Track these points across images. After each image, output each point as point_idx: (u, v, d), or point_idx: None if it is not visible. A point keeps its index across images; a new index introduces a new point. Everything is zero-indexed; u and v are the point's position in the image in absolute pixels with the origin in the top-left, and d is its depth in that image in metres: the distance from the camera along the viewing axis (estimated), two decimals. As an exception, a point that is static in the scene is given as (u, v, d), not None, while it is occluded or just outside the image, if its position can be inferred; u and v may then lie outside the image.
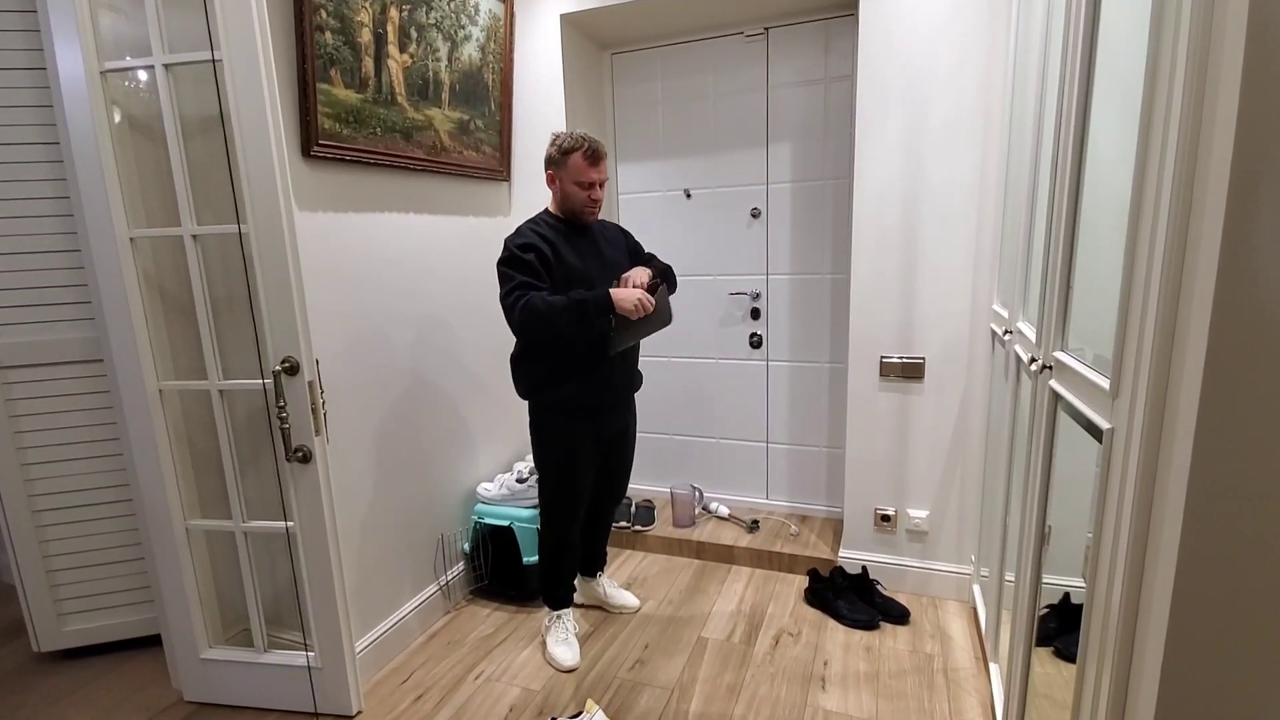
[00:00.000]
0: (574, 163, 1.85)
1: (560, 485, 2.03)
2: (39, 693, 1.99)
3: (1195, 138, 0.71)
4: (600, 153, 1.87)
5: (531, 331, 1.80)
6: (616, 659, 2.08)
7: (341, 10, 1.82)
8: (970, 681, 1.92)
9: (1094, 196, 1.13)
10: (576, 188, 1.87)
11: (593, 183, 1.87)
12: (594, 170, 1.86)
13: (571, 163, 1.85)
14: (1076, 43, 1.15)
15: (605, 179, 1.91)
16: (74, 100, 1.57)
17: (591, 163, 1.85)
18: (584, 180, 1.86)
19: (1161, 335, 0.75)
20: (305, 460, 1.65)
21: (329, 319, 1.88)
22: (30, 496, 2.00)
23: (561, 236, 1.91)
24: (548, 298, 1.76)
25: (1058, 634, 1.27)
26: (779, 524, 2.83)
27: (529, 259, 1.81)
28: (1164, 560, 0.75)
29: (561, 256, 1.87)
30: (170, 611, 1.83)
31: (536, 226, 1.91)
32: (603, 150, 1.88)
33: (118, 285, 1.64)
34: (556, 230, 1.92)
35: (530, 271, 1.80)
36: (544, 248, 1.84)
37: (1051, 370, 1.24)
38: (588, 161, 1.85)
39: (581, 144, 1.84)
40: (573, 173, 1.86)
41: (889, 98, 2.16)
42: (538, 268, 1.81)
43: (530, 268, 1.80)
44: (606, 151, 1.90)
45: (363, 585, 2.02)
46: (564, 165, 1.86)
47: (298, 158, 1.77)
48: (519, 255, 1.81)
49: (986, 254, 2.12)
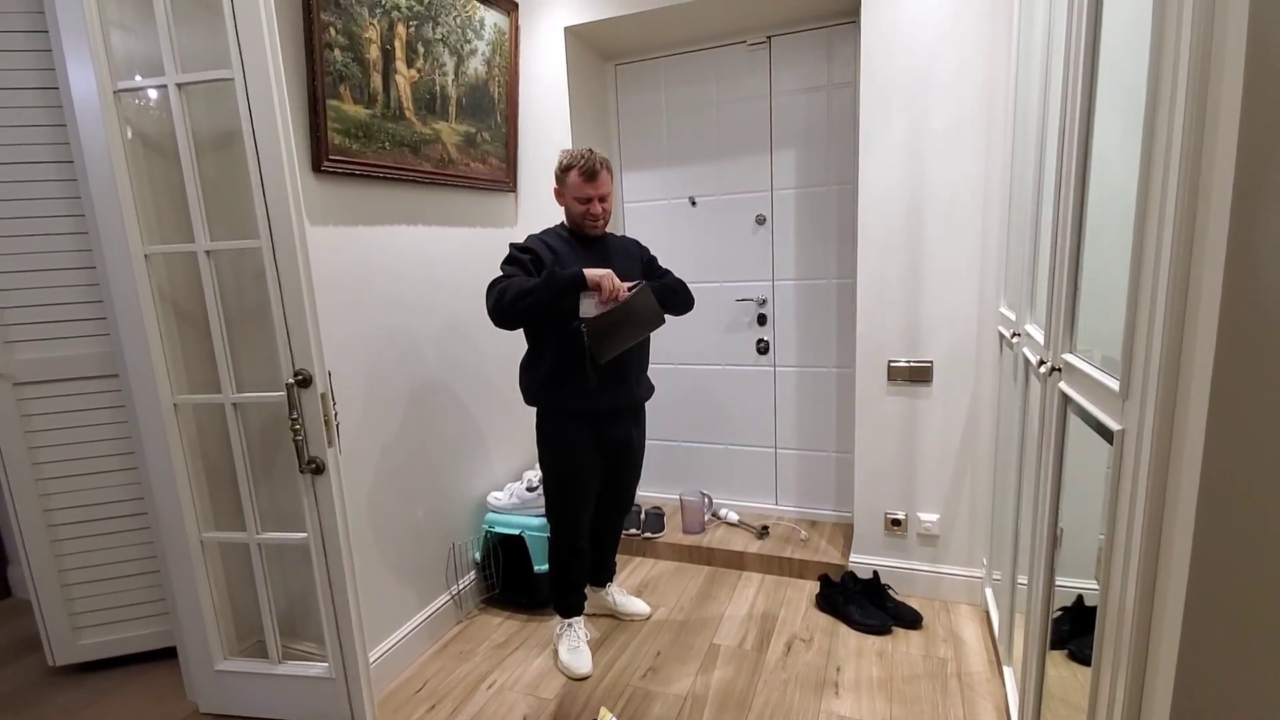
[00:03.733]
0: (571, 179, 1.91)
1: (562, 489, 2.04)
2: (55, 707, 2.00)
3: (1199, 136, 0.71)
4: (595, 169, 1.89)
5: (501, 309, 1.78)
6: (629, 667, 2.08)
7: (350, 28, 1.85)
8: (984, 686, 1.91)
9: (1099, 197, 1.13)
10: (575, 203, 1.93)
11: (590, 198, 1.91)
12: (589, 186, 1.90)
13: (570, 180, 1.91)
14: (1079, 44, 1.15)
15: (605, 193, 1.93)
16: (87, 120, 1.60)
17: (586, 179, 1.89)
18: (580, 196, 1.91)
19: (1170, 335, 0.76)
20: (318, 471, 1.66)
21: (341, 331, 1.90)
22: (46, 511, 2.02)
23: (569, 247, 1.95)
24: (522, 279, 1.80)
25: (1071, 637, 1.27)
26: (789, 529, 2.82)
27: (524, 259, 1.88)
28: (1177, 561, 0.75)
29: (566, 264, 1.90)
30: (185, 624, 1.85)
31: (546, 236, 1.98)
32: (599, 165, 1.90)
33: (132, 301, 1.67)
34: (566, 241, 1.97)
35: (520, 267, 1.86)
36: (545, 254, 1.89)
37: (1060, 372, 1.24)
38: (583, 178, 1.89)
39: (578, 160, 1.89)
40: (571, 189, 1.92)
41: (892, 103, 2.17)
42: (528, 266, 1.86)
43: (521, 265, 1.87)
44: (606, 166, 1.92)
45: (375, 595, 2.03)
46: (564, 182, 1.94)
47: (308, 173, 1.80)
48: (516, 254, 1.90)
49: (992, 257, 2.12)
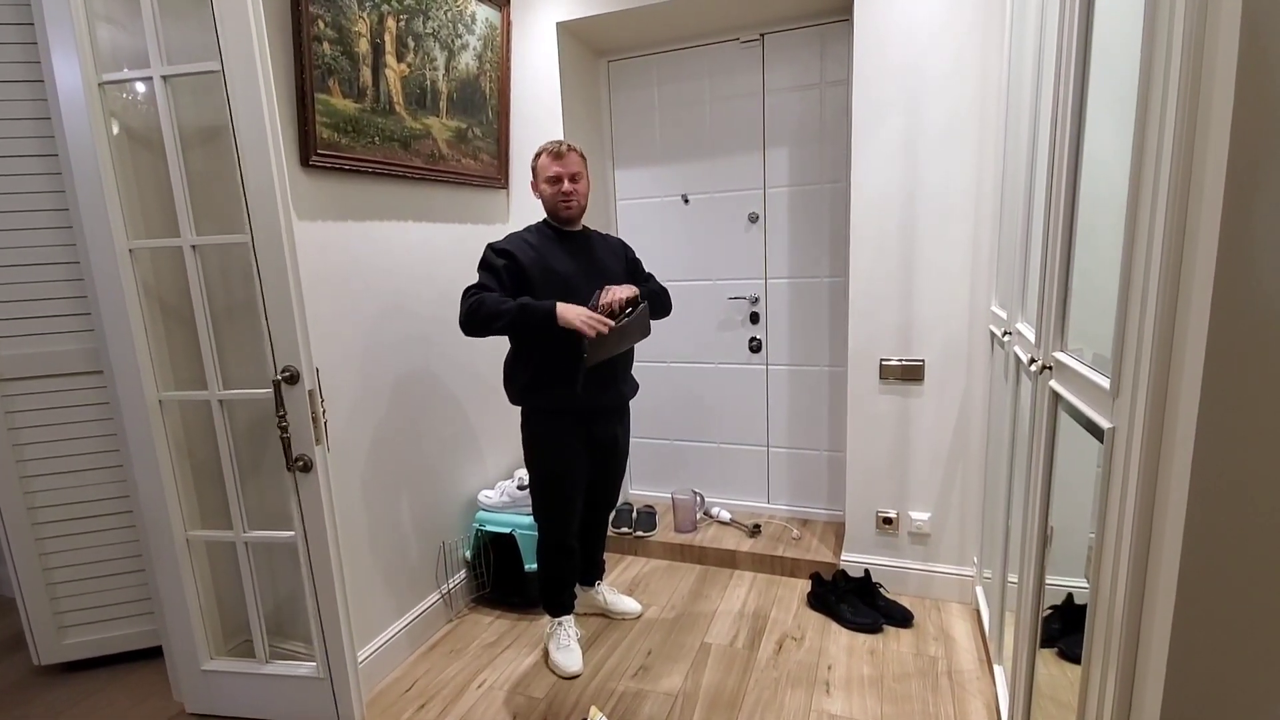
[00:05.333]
0: (540, 164, 1.93)
1: (550, 489, 2.02)
2: (39, 706, 1.98)
3: (1191, 134, 0.71)
4: (562, 150, 1.91)
5: (471, 326, 1.82)
6: (620, 666, 2.07)
7: (339, 21, 1.83)
8: (975, 684, 1.91)
9: (1091, 196, 1.13)
10: (547, 185, 1.93)
11: (559, 176, 1.91)
12: (556, 164, 1.91)
13: (539, 165, 1.94)
14: (1071, 43, 1.15)
15: (575, 172, 1.93)
16: (72, 112, 1.58)
17: (554, 158, 1.91)
18: (549, 175, 1.91)
19: (1161, 333, 0.75)
20: (306, 469, 1.64)
21: (329, 328, 1.88)
22: (30, 509, 2.00)
23: (550, 243, 1.94)
24: (496, 299, 1.80)
25: (1062, 635, 1.27)
26: (781, 528, 2.82)
27: (499, 265, 1.86)
28: (1167, 558, 0.75)
29: (546, 263, 1.89)
30: (171, 623, 1.83)
31: (528, 234, 1.97)
32: (566, 147, 1.91)
33: (117, 296, 1.64)
34: (546, 237, 1.96)
35: (493, 275, 1.85)
36: (524, 256, 1.88)
37: (1051, 370, 1.24)
38: (550, 158, 1.91)
39: (547, 145, 1.92)
40: (540, 173, 1.93)
41: (884, 101, 2.17)
42: (502, 275, 1.85)
43: (495, 272, 1.86)
44: (575, 149, 1.93)
45: (364, 594, 2.01)
46: (535, 170, 1.95)
47: (297, 167, 1.78)
48: (491, 259, 1.88)
49: (984, 255, 2.12)
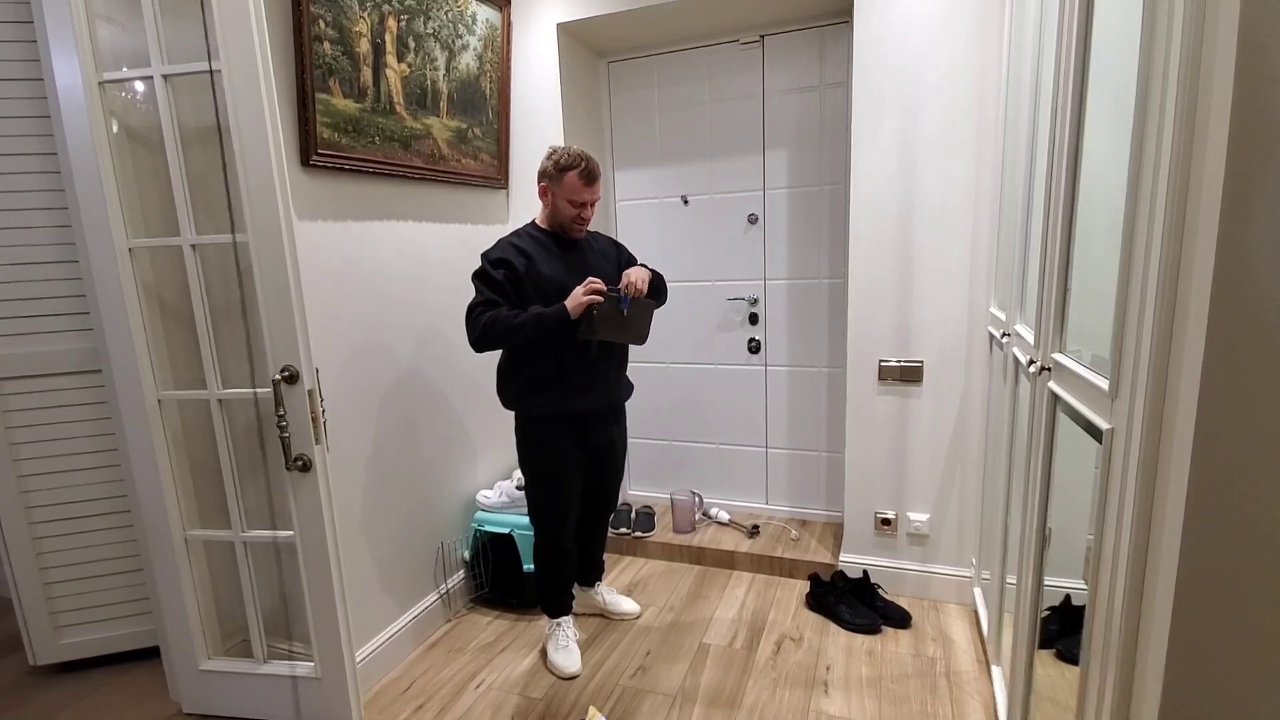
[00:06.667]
0: (569, 180, 1.85)
1: (546, 493, 2.02)
2: (36, 706, 1.97)
3: (1190, 136, 0.71)
4: (596, 173, 1.87)
5: (489, 346, 1.84)
6: (618, 666, 2.07)
7: (340, 21, 1.83)
8: (973, 685, 1.91)
9: (1089, 197, 1.14)
10: (568, 205, 1.88)
11: (585, 202, 1.88)
12: (587, 190, 1.87)
13: (567, 180, 1.85)
14: (1070, 44, 1.16)
15: (598, 199, 1.91)
16: (72, 111, 1.57)
17: (586, 182, 1.86)
18: (576, 199, 1.87)
19: (1159, 335, 0.76)
20: (305, 469, 1.64)
21: (328, 328, 1.88)
22: (27, 508, 1.99)
23: (543, 249, 1.91)
24: (508, 314, 1.80)
25: (1060, 636, 1.27)
26: (779, 529, 2.83)
27: (498, 277, 1.83)
28: (1165, 560, 0.75)
29: (539, 269, 1.87)
30: (169, 623, 1.82)
31: (517, 239, 1.92)
32: (598, 170, 1.88)
33: (116, 295, 1.64)
34: (539, 243, 1.92)
35: (497, 289, 1.83)
36: (518, 263, 1.86)
37: (1050, 372, 1.25)
38: (583, 181, 1.85)
39: (579, 163, 1.84)
40: (566, 190, 1.86)
41: (883, 103, 2.17)
42: (505, 287, 1.84)
43: (498, 286, 1.83)
44: (601, 171, 1.91)
45: (362, 594, 2.01)
46: (559, 181, 1.87)
47: (297, 167, 1.78)
48: (489, 272, 1.85)
49: (983, 257, 2.13)
